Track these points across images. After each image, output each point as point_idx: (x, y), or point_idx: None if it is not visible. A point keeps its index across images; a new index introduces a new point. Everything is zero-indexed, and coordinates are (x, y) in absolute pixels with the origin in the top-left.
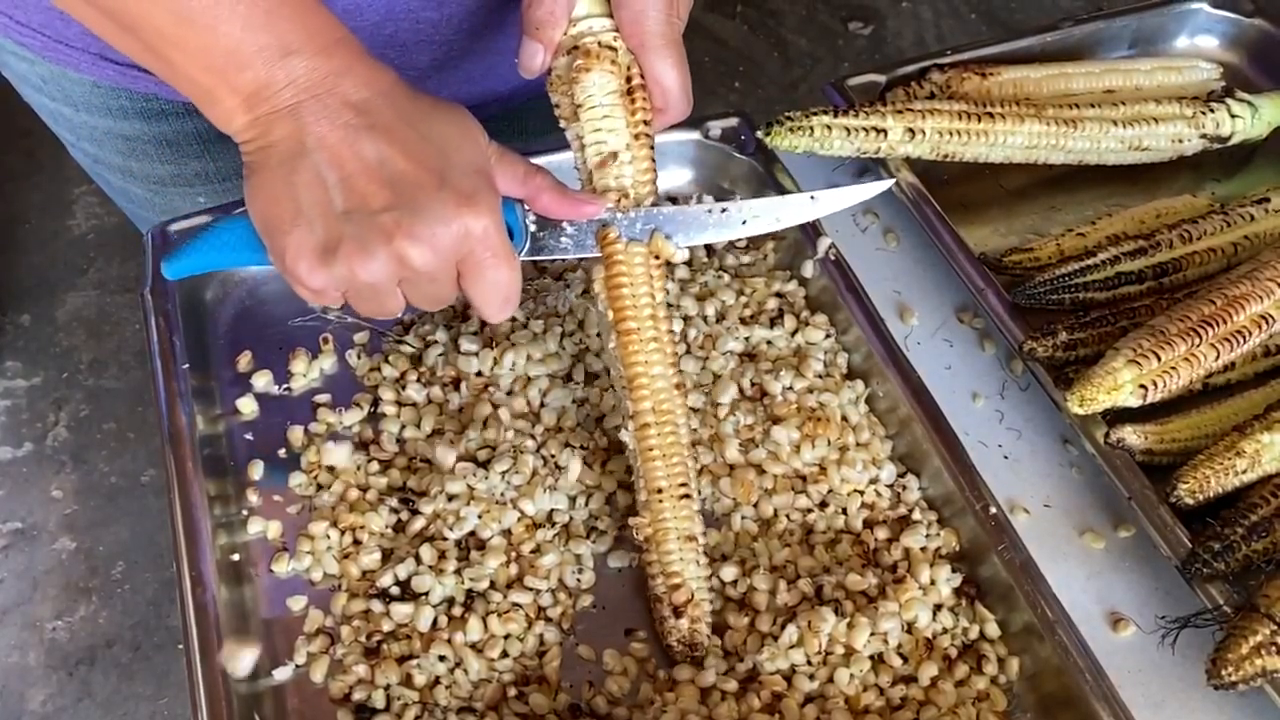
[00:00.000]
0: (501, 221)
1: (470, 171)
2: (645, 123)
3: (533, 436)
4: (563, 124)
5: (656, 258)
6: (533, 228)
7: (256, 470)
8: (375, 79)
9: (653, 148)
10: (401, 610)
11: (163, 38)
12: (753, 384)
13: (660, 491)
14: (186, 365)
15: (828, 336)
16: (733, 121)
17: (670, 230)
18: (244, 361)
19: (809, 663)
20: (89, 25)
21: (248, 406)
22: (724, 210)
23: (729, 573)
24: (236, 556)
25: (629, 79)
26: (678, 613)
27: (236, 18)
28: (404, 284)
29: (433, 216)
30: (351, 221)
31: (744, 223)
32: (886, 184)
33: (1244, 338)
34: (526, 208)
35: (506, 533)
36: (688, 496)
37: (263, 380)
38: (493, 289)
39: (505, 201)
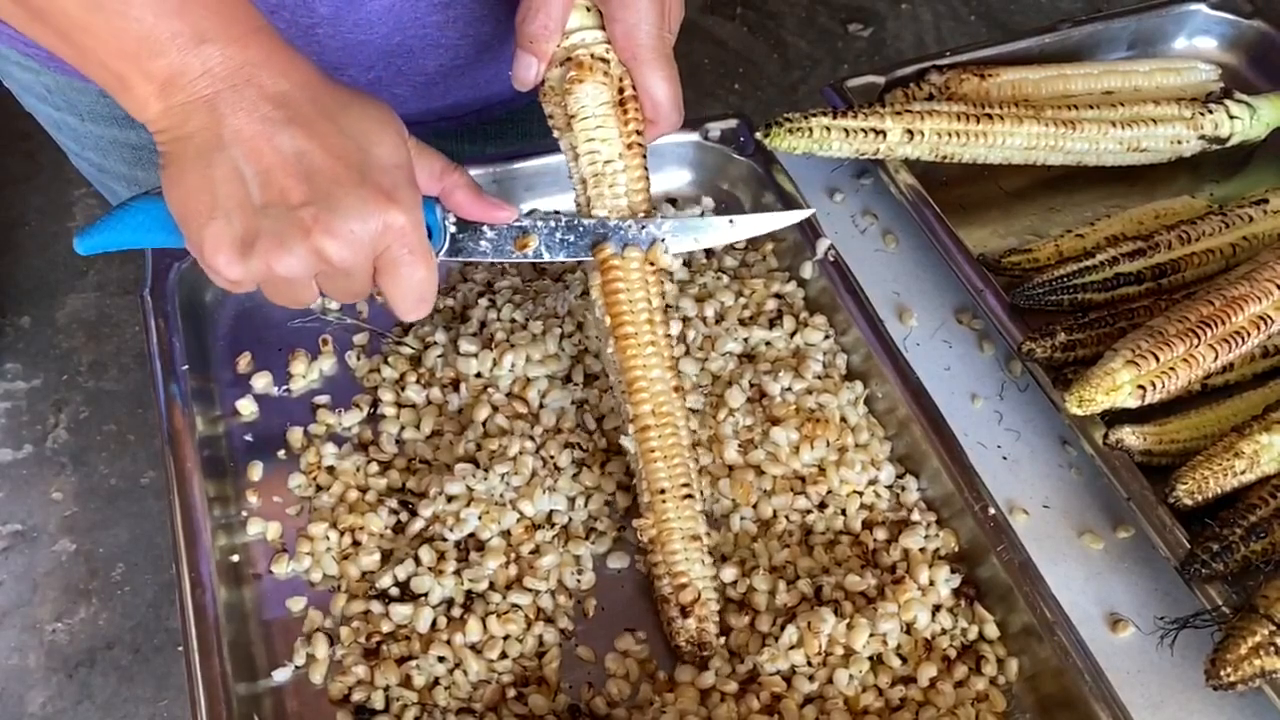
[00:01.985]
0: (421, 219)
1: (390, 167)
2: (638, 132)
3: (532, 438)
4: (556, 134)
5: (652, 264)
6: (452, 229)
7: (256, 471)
8: (293, 70)
9: (645, 156)
10: (401, 611)
11: (73, 23)
12: (751, 385)
13: (663, 492)
14: (186, 367)
15: (826, 338)
16: (732, 123)
17: (592, 240)
18: (243, 363)
19: (809, 663)
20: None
21: (247, 408)
22: (644, 227)
23: (729, 574)
24: (236, 558)
25: (621, 90)
26: (685, 612)
27: (148, 3)
28: (320, 277)
29: (351, 213)
30: (269, 216)
31: (663, 240)
32: (808, 213)
33: (1242, 339)
34: (445, 209)
35: (506, 534)
36: (690, 497)
37: (262, 382)
38: (408, 286)
39: (426, 201)
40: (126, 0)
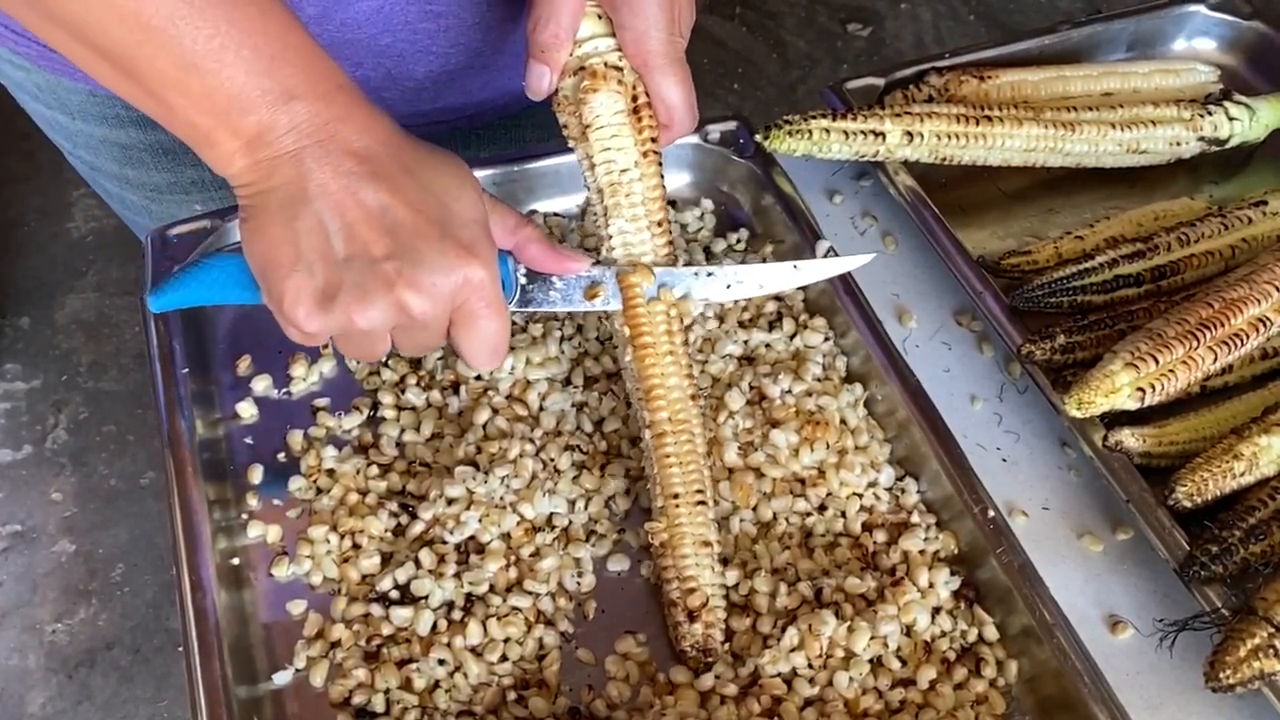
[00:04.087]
0: (497, 273)
1: (469, 221)
2: (652, 140)
3: (532, 440)
4: (571, 144)
5: (680, 314)
6: (523, 280)
7: (256, 474)
8: (375, 126)
9: (661, 164)
10: (401, 614)
11: (165, 82)
12: (751, 387)
13: (677, 497)
14: (186, 370)
15: (826, 340)
16: (731, 125)
17: (659, 288)
18: (243, 365)
19: (810, 666)
20: (84, 68)
21: (247, 410)
22: (710, 274)
23: (730, 576)
24: (236, 561)
25: (635, 98)
26: (692, 617)
27: (241, 62)
28: (396, 330)
29: (434, 266)
30: (352, 269)
31: (729, 287)
32: (869, 257)
33: (1242, 340)
34: (516, 261)
35: (506, 536)
36: (703, 503)
37: (262, 384)
38: (484, 339)
39: (499, 255)
40: (220, 59)
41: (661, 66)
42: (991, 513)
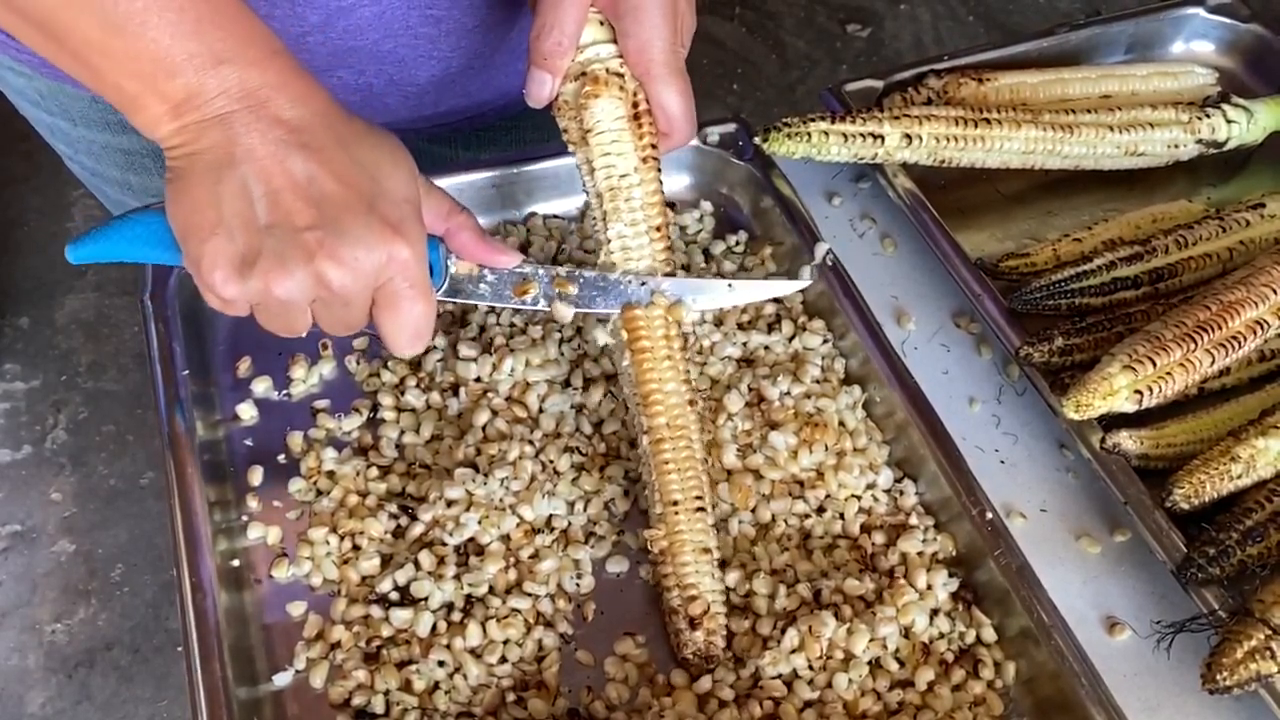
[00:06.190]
0: (425, 255)
1: (399, 200)
2: (652, 146)
3: (531, 442)
4: (571, 148)
5: (677, 321)
6: (453, 269)
7: (256, 476)
8: (309, 97)
9: (659, 170)
10: (401, 615)
11: (90, 45)
12: (750, 389)
13: (676, 504)
14: (186, 371)
15: (825, 342)
16: (730, 127)
17: (592, 293)
18: (243, 367)
19: (810, 667)
20: (12, 33)
21: (247, 412)
22: (643, 283)
23: (730, 578)
24: (236, 562)
25: (635, 104)
26: (694, 624)
27: (165, 25)
28: (316, 304)
29: (357, 240)
30: (273, 236)
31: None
32: (805, 283)
33: (1239, 343)
34: (449, 249)
35: (505, 538)
36: (703, 510)
37: (262, 386)
38: (405, 320)
39: (430, 240)
40: (143, 23)
41: (663, 76)
42: (990, 514)
